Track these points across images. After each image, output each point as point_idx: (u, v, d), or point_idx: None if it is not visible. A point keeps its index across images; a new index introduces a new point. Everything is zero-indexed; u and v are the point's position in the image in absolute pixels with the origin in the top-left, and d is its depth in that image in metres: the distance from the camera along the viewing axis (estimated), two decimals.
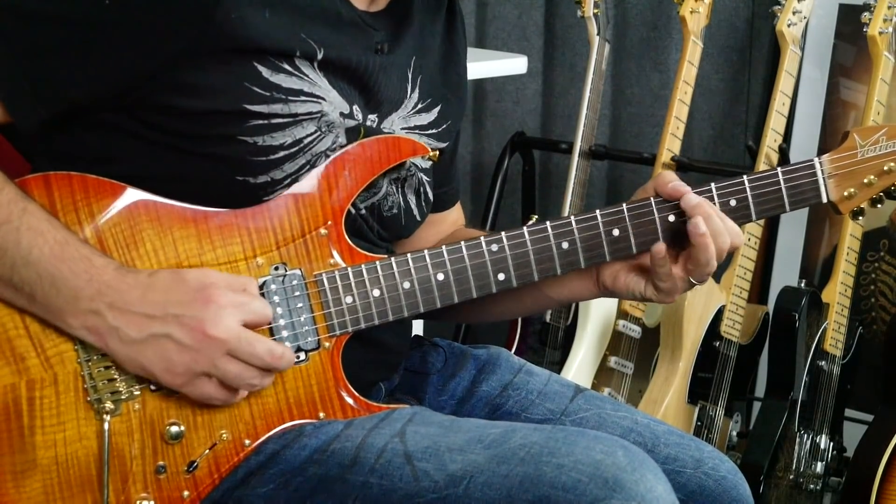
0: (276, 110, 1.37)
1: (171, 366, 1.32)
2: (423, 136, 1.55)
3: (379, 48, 1.47)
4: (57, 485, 1.34)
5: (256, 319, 1.33)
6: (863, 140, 1.53)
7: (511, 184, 3.03)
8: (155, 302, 1.31)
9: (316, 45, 1.39)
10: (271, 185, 1.38)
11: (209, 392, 1.33)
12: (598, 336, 2.61)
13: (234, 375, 1.33)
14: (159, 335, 1.31)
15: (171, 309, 1.30)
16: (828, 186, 1.52)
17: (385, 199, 1.50)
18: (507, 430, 1.36)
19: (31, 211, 1.31)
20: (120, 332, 1.31)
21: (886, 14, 2.57)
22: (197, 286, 1.31)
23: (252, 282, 1.35)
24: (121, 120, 1.36)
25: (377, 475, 1.34)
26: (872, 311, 3.01)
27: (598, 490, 1.27)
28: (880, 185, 1.53)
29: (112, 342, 1.32)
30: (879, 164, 1.53)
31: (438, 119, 1.57)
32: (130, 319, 1.31)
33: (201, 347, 1.30)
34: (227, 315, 1.31)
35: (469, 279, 1.43)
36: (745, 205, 1.49)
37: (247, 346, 1.31)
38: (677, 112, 2.65)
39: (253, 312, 1.33)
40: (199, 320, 1.30)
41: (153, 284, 1.31)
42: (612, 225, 1.46)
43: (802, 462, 2.62)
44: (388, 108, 1.50)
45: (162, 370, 1.32)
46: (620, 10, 3.13)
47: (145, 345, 1.31)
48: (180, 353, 1.31)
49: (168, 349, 1.31)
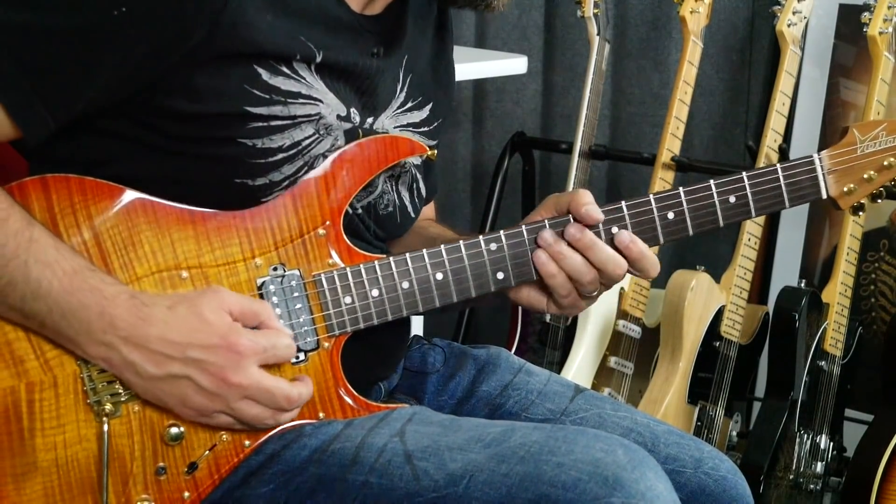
0: (276, 112, 1.37)
1: (189, 403, 1.33)
2: (416, 133, 1.55)
3: (375, 52, 1.47)
4: (57, 487, 1.34)
5: (277, 362, 1.35)
6: (862, 135, 1.52)
7: (511, 184, 3.02)
8: (175, 343, 1.31)
9: (315, 49, 1.39)
10: (270, 188, 1.38)
11: (224, 426, 1.36)
12: (598, 336, 2.61)
13: (251, 417, 1.34)
14: (179, 375, 1.31)
15: (191, 353, 1.30)
16: (827, 182, 1.52)
17: (381, 197, 1.50)
18: (507, 429, 1.36)
19: (37, 239, 1.30)
20: (137, 367, 1.31)
21: (886, 14, 2.57)
22: (220, 331, 1.31)
23: (265, 308, 1.35)
24: (121, 124, 1.36)
25: (377, 474, 1.34)
26: (872, 311, 3.01)
27: (598, 488, 1.27)
28: (880, 180, 1.53)
29: (129, 375, 1.32)
30: (879, 160, 1.53)
31: (430, 117, 1.57)
32: (148, 357, 1.31)
33: (221, 392, 1.32)
34: (249, 363, 1.32)
35: (468, 279, 1.44)
36: (744, 202, 1.49)
37: (265, 393, 1.33)
38: (677, 112, 2.65)
39: (275, 357, 1.34)
40: (220, 367, 1.31)
41: (172, 323, 1.31)
42: (609, 223, 1.46)
43: (802, 462, 2.62)
44: (380, 110, 1.50)
45: (178, 404, 1.33)
46: (620, 10, 3.13)
47: (163, 381, 1.32)
48: (198, 395, 1.32)
49: (186, 389, 1.32)
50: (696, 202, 1.48)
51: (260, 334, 1.33)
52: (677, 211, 1.47)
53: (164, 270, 1.36)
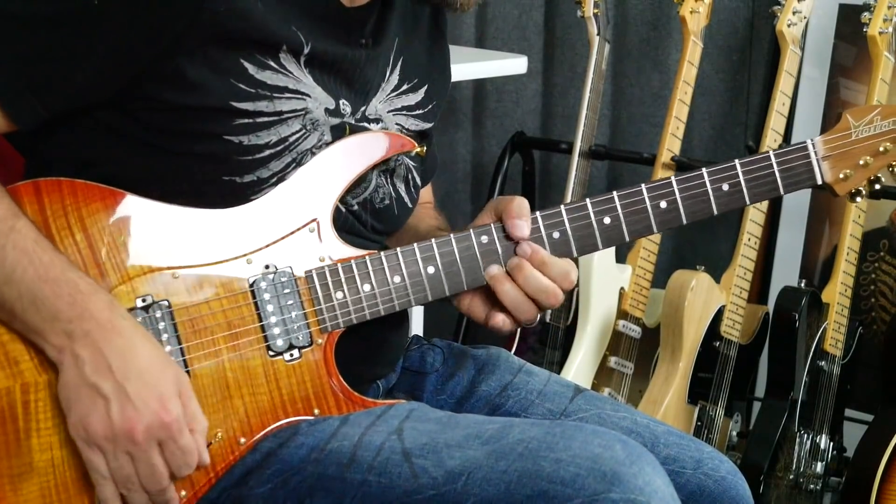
0: (262, 108, 1.37)
1: (86, 422, 1.28)
2: (411, 116, 1.55)
3: (364, 42, 1.47)
4: (54, 487, 1.34)
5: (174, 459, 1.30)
6: (856, 121, 1.51)
7: (511, 184, 3.02)
8: (127, 367, 1.28)
9: (304, 38, 1.39)
10: (258, 184, 1.39)
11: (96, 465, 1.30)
12: (597, 336, 2.60)
13: (121, 476, 1.30)
14: (102, 394, 1.28)
15: (130, 385, 1.28)
16: (822, 168, 1.51)
17: (376, 191, 1.50)
18: (505, 426, 1.36)
19: (19, 229, 1.30)
20: (79, 361, 1.28)
21: (886, 14, 2.57)
22: (166, 392, 1.28)
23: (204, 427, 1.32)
24: (112, 119, 1.36)
25: (375, 473, 1.34)
26: (872, 311, 3.01)
27: (596, 484, 1.27)
28: (876, 165, 1.52)
29: (67, 368, 1.29)
30: (875, 145, 1.51)
31: (425, 99, 1.57)
32: (97, 361, 1.28)
33: (119, 434, 1.28)
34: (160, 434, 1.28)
35: (460, 272, 1.43)
36: (737, 189, 1.48)
37: (147, 469, 1.29)
38: (677, 112, 2.65)
39: (174, 453, 1.30)
40: (137, 419, 1.27)
41: (138, 349, 1.29)
42: (603, 214, 1.47)
43: (802, 462, 2.62)
44: (374, 94, 1.50)
45: (77, 416, 1.29)
46: (620, 10, 3.13)
47: (85, 389, 1.28)
48: (100, 422, 1.28)
49: (97, 409, 1.28)
50: (688, 191, 1.48)
51: (186, 433, 1.30)
52: (670, 200, 1.47)
53: (155, 271, 1.36)
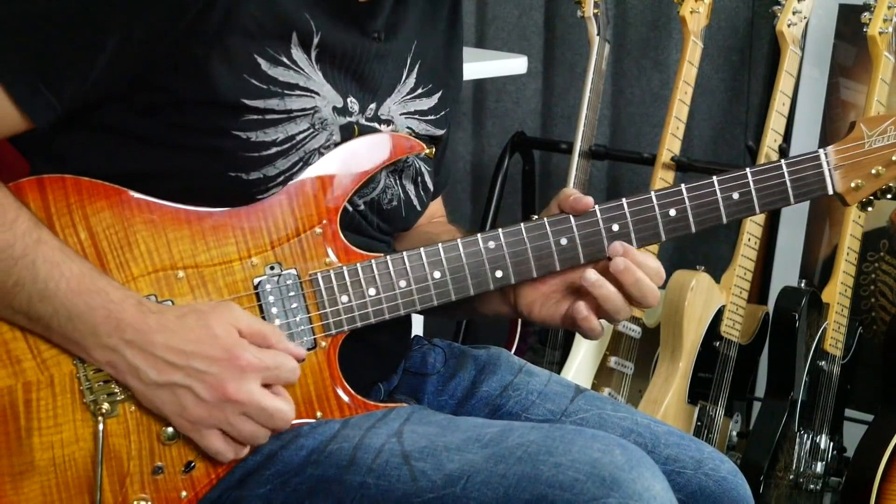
0: (272, 105, 1.37)
1: (186, 413, 1.32)
2: (423, 121, 1.55)
3: (376, 35, 1.46)
4: (55, 486, 1.34)
5: (279, 383, 1.34)
6: (869, 130, 1.51)
7: (511, 184, 3.02)
8: (180, 351, 1.31)
9: (315, 26, 1.38)
10: (264, 182, 1.38)
11: (216, 446, 1.34)
12: None
13: (248, 434, 1.34)
14: (180, 385, 1.31)
15: (195, 363, 1.30)
16: (834, 178, 1.50)
17: (384, 192, 1.49)
18: (505, 429, 1.36)
19: (45, 241, 1.31)
20: (139, 371, 1.31)
21: (886, 14, 2.57)
22: (225, 344, 1.31)
23: (275, 331, 1.35)
24: (118, 116, 1.36)
25: (375, 475, 1.34)
26: (872, 311, 3.01)
27: (595, 488, 1.27)
28: (888, 175, 1.51)
29: (131, 379, 1.32)
30: (887, 155, 1.51)
31: (438, 105, 1.57)
32: (152, 363, 1.31)
33: (219, 405, 1.31)
34: (251, 380, 1.31)
35: (466, 277, 1.43)
36: (748, 198, 1.48)
37: (264, 413, 1.32)
38: (677, 112, 2.65)
39: (277, 378, 1.33)
40: (221, 380, 1.30)
41: (178, 331, 1.31)
42: (612, 221, 1.46)
43: (802, 462, 2.62)
44: (383, 95, 1.49)
45: (175, 414, 1.33)
46: (620, 10, 3.13)
47: (163, 389, 1.32)
48: (197, 406, 1.32)
49: (186, 399, 1.32)
50: (698, 199, 1.47)
51: (266, 353, 1.33)
52: (679, 208, 1.46)
53: (160, 270, 1.36)
